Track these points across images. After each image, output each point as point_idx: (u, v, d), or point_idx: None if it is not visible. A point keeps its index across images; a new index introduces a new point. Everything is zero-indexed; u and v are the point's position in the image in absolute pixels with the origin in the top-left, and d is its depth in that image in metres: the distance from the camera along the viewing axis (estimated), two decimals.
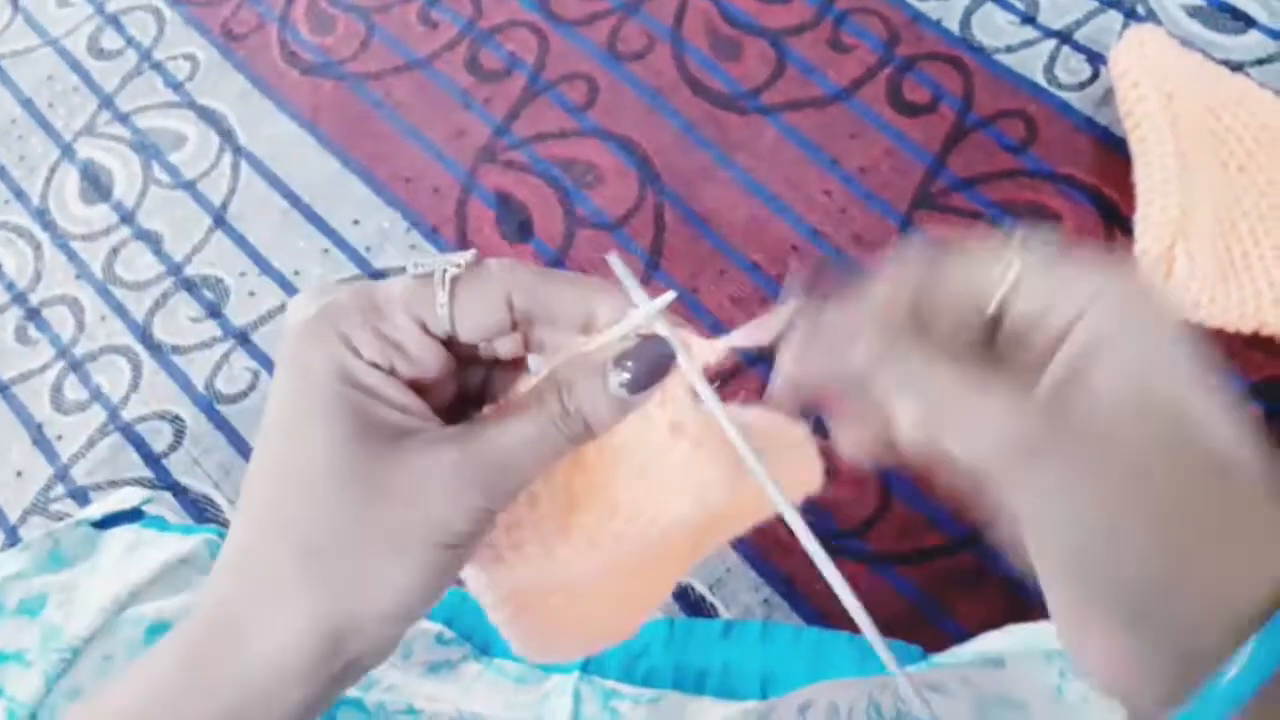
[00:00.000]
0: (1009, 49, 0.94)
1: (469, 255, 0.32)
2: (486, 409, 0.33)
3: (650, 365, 0.32)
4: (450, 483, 0.29)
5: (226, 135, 1.01)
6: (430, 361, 0.32)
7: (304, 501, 0.30)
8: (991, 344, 0.32)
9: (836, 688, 0.54)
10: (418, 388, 0.32)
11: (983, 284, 0.31)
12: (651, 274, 0.88)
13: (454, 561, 0.31)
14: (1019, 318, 0.31)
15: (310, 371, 0.30)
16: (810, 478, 0.40)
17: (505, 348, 0.34)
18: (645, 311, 0.32)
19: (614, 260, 0.33)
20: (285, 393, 0.31)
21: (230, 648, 0.30)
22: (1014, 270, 0.30)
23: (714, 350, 0.33)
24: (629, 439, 0.34)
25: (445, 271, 0.31)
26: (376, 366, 0.30)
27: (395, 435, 0.30)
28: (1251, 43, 0.91)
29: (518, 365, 0.35)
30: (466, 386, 0.35)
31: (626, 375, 0.31)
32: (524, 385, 0.34)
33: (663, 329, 0.32)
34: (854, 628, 0.32)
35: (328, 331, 0.30)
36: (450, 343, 0.32)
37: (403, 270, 0.32)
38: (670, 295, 0.32)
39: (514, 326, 0.33)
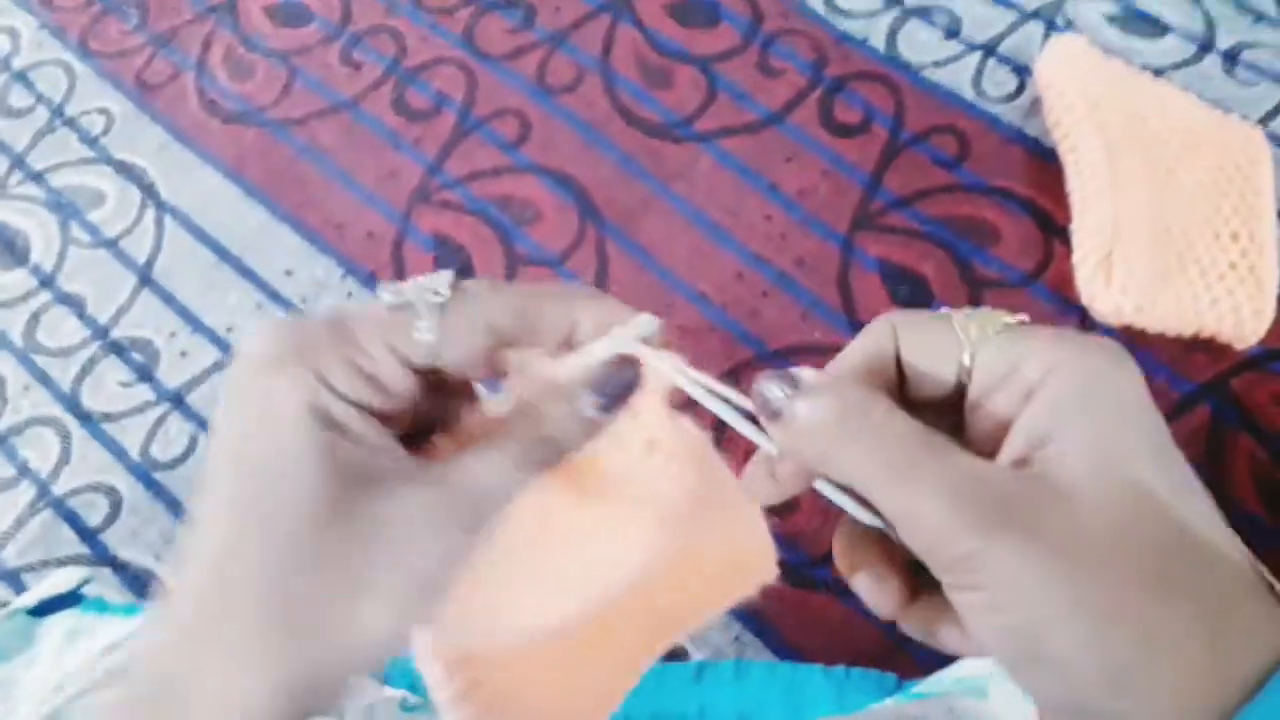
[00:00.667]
0: (936, 64, 0.95)
1: (447, 278, 0.30)
2: (437, 437, 0.32)
3: (620, 384, 0.31)
4: (428, 523, 0.28)
5: (148, 190, 0.98)
6: (406, 394, 0.30)
7: (271, 549, 0.27)
8: (958, 418, 0.31)
9: None
10: (382, 418, 0.30)
11: (942, 356, 0.29)
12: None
13: (426, 606, 0.29)
14: (980, 389, 0.29)
15: (277, 406, 0.28)
16: (765, 563, 0.40)
17: (475, 372, 0.33)
18: (626, 335, 0.31)
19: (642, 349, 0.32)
20: (246, 428, 0.29)
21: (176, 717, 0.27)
22: (971, 344, 0.29)
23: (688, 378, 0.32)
24: (600, 461, 0.33)
25: (427, 300, 0.30)
26: (348, 401, 0.29)
27: (367, 475, 0.28)
28: (1169, 47, 0.93)
29: (467, 386, 0.34)
30: (418, 410, 0.33)
31: (599, 398, 0.31)
32: (485, 409, 0.33)
33: (642, 350, 0.31)
34: (828, 660, 0.31)
35: (298, 364, 0.28)
36: (422, 371, 0.31)
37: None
38: (651, 321, 0.32)
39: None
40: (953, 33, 0.96)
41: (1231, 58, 0.92)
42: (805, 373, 0.29)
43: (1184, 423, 0.77)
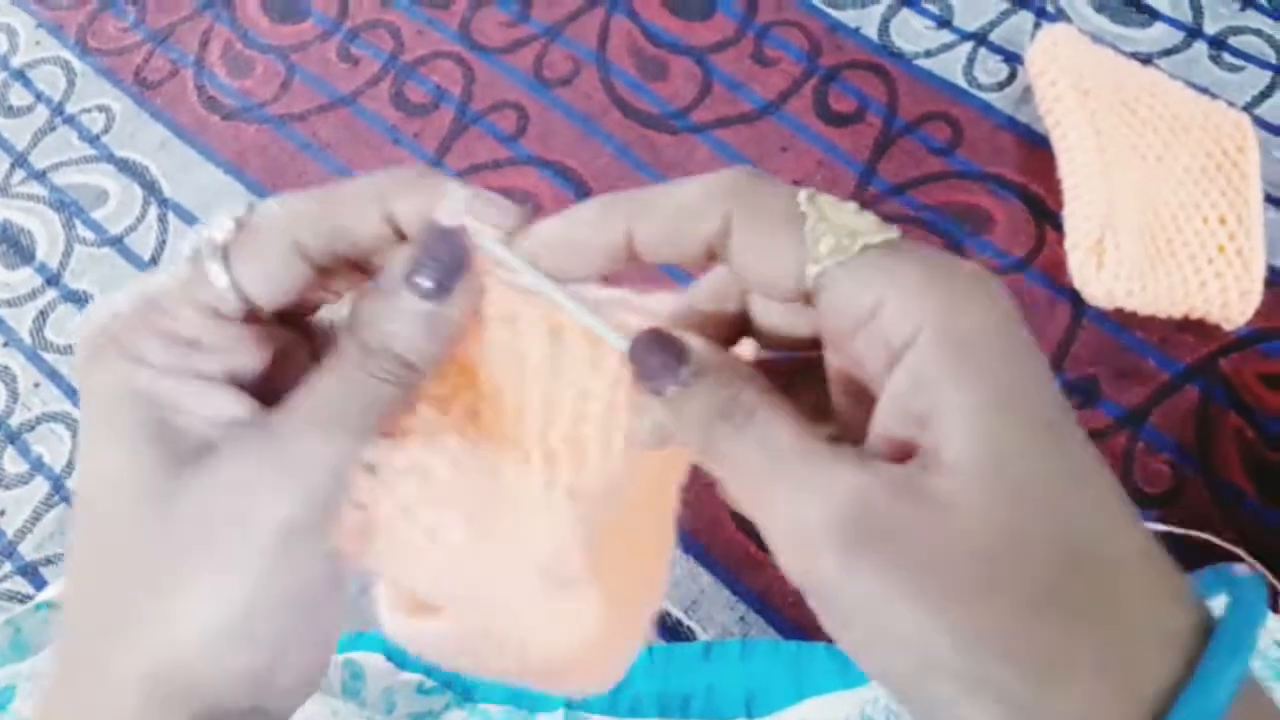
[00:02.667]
0: (928, 53, 0.96)
1: (239, 210, 0.27)
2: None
3: (449, 258, 0.26)
4: (260, 480, 0.25)
5: (150, 187, 0.99)
6: (236, 348, 0.27)
7: (110, 536, 0.26)
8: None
9: (827, 705, 0.55)
10: (263, 378, 0.28)
11: (781, 266, 0.24)
12: None
13: (284, 569, 0.26)
14: (831, 324, 0.25)
15: (97, 396, 0.26)
16: None
17: (338, 310, 0.29)
18: (449, 199, 0.26)
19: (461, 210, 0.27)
20: (82, 425, 0.27)
21: (64, 714, 0.27)
22: (818, 262, 0.24)
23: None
24: (510, 367, 0.28)
25: (208, 240, 0.26)
26: (172, 372, 0.26)
27: (200, 444, 0.26)
28: (1158, 34, 0.94)
29: None
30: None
31: (427, 283, 0.26)
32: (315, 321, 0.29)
33: (462, 215, 0.26)
34: (830, 638, 0.26)
35: (108, 347, 0.26)
36: (262, 316, 0.28)
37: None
38: (459, 191, 0.26)
39: (322, 272, 0.27)
40: (944, 22, 0.98)
41: (1219, 44, 0.93)
42: (693, 343, 0.26)
43: (1174, 402, 0.78)
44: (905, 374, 0.23)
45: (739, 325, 0.28)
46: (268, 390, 0.27)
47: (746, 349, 0.29)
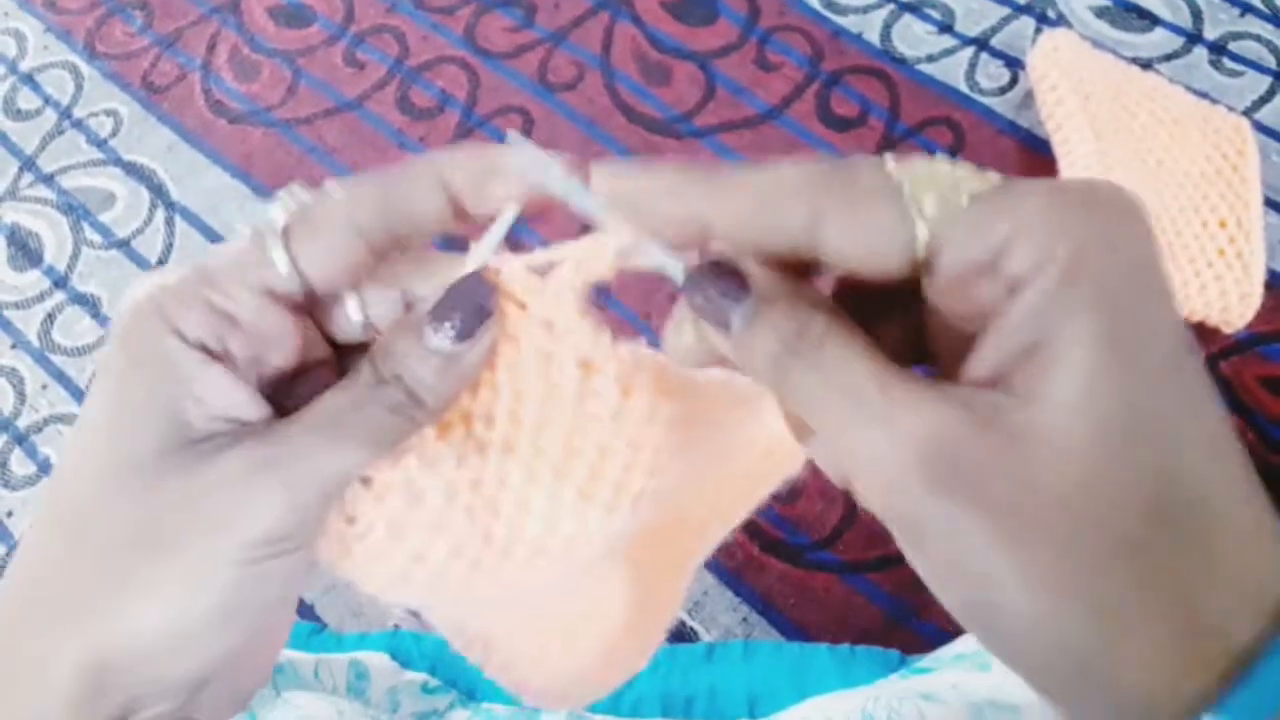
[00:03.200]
0: (930, 58, 0.97)
1: (297, 192, 0.26)
2: None
3: (475, 303, 0.26)
4: (247, 484, 0.24)
5: (157, 190, 0.99)
6: (274, 332, 0.26)
7: (82, 503, 0.25)
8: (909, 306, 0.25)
9: (828, 704, 0.55)
10: (283, 378, 0.27)
11: (885, 242, 0.23)
12: (604, 302, 0.88)
13: (251, 582, 0.25)
14: (946, 285, 0.23)
15: (122, 357, 0.25)
16: (788, 451, 0.34)
17: (380, 311, 0.28)
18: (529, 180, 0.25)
19: (515, 137, 0.26)
20: (97, 386, 0.26)
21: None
22: (929, 224, 0.22)
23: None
24: (539, 401, 0.28)
25: (269, 219, 0.26)
26: (207, 350, 0.25)
27: (202, 437, 0.25)
28: (1158, 39, 0.95)
29: None
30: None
31: (449, 324, 0.25)
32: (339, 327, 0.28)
33: (582, 192, 0.25)
34: (833, 639, 0.25)
35: (151, 313, 0.25)
36: (317, 317, 0.27)
37: None
38: (526, 145, 0.26)
39: (377, 260, 0.27)
40: (946, 27, 0.98)
41: (1218, 49, 0.94)
42: (754, 270, 0.24)
43: None
44: (1022, 305, 0.21)
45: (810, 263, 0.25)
46: (285, 403, 0.27)
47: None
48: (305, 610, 0.79)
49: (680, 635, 0.75)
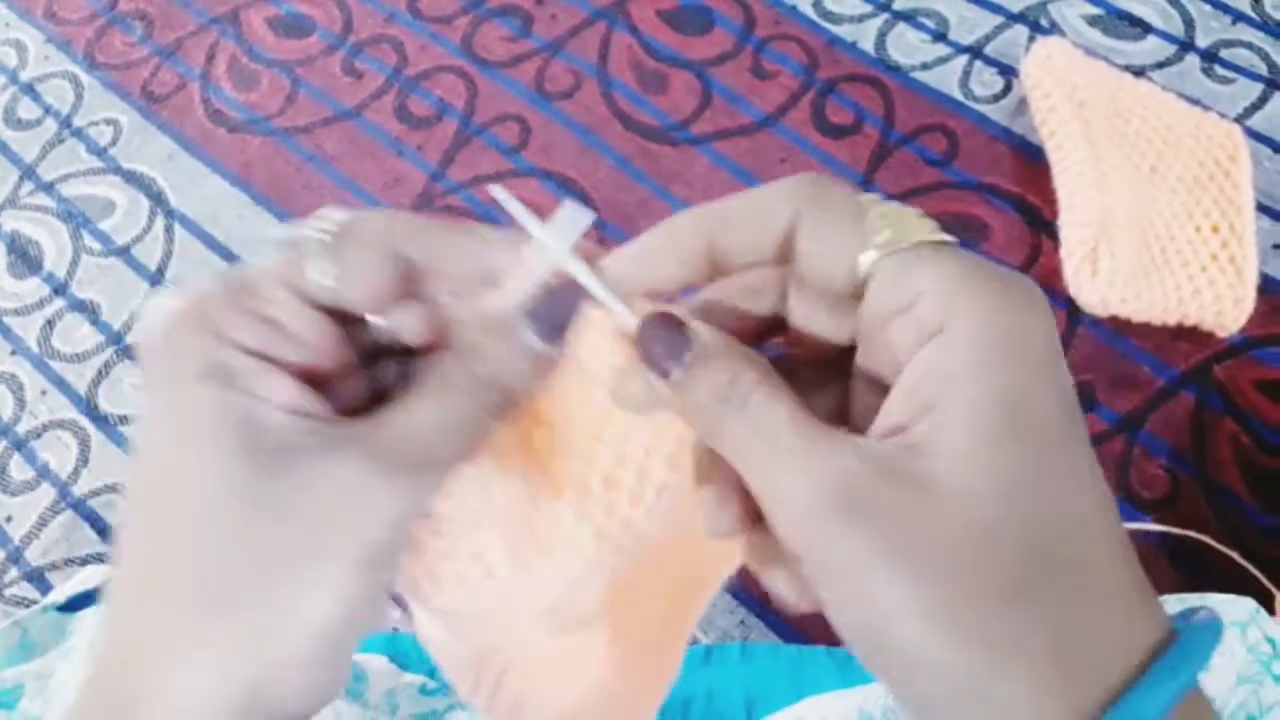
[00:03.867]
0: (924, 66, 0.97)
1: (340, 212, 0.28)
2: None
3: (564, 303, 0.27)
4: (356, 487, 0.25)
5: (156, 199, 1.00)
6: (317, 338, 0.27)
7: (192, 536, 0.25)
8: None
9: (825, 704, 0.55)
10: (316, 385, 0.27)
11: (840, 254, 0.26)
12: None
13: (376, 580, 0.26)
14: (874, 313, 0.26)
15: (177, 375, 0.25)
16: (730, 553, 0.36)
17: (409, 326, 0.29)
18: (548, 243, 0.27)
19: (498, 192, 0.29)
20: (154, 408, 0.26)
21: None
22: (875, 249, 0.25)
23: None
24: (574, 405, 0.29)
25: (316, 233, 0.27)
26: (252, 353, 0.26)
27: (285, 441, 0.25)
28: (1151, 47, 0.96)
29: (434, 353, 0.29)
30: (380, 385, 0.30)
31: (538, 323, 0.27)
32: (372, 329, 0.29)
33: (567, 258, 0.27)
34: (830, 641, 0.27)
35: (192, 323, 0.26)
36: (346, 326, 0.28)
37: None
38: (585, 217, 0.28)
39: (407, 290, 0.28)
40: (940, 35, 0.99)
41: (1210, 57, 0.95)
42: (699, 329, 0.26)
43: (1169, 408, 0.79)
44: (923, 361, 0.24)
45: (768, 326, 0.29)
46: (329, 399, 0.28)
47: None
48: None
49: None
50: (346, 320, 0.28)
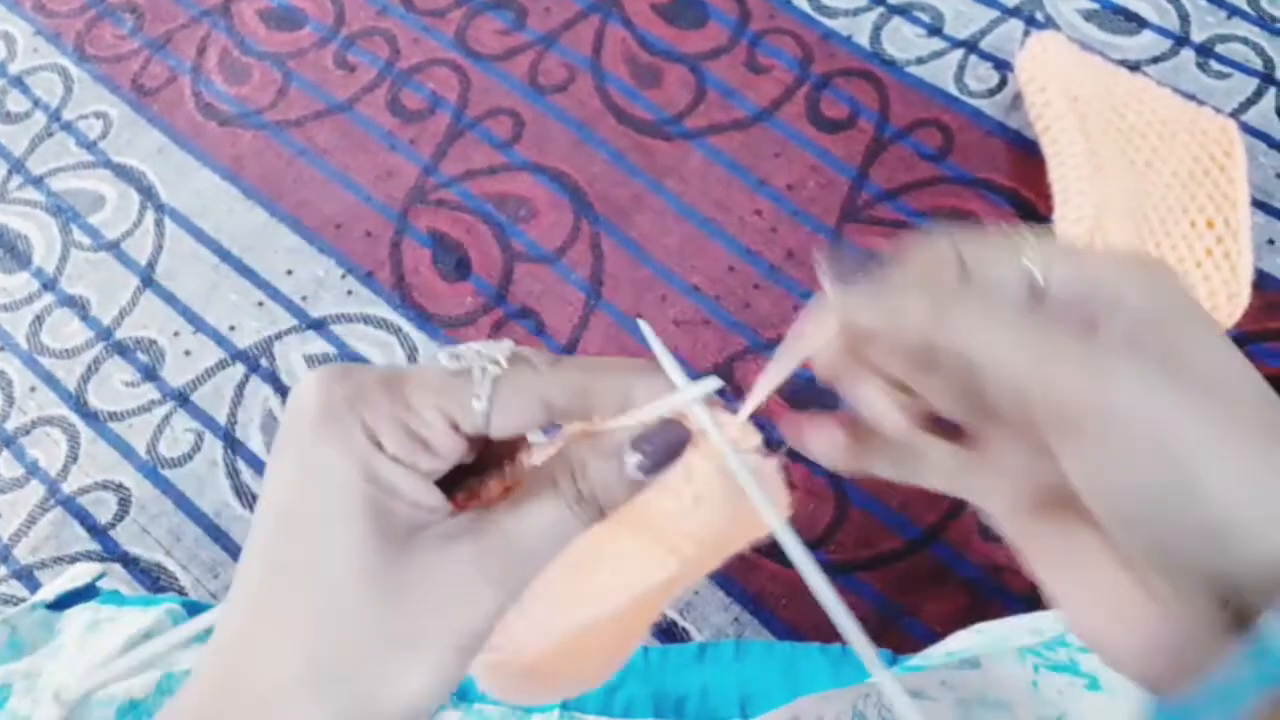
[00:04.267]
0: (919, 61, 0.97)
1: (506, 348, 0.30)
2: (492, 483, 0.33)
3: (668, 447, 0.31)
4: (467, 581, 0.28)
5: (147, 192, 0.99)
6: (454, 458, 0.30)
7: (319, 604, 0.28)
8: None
9: (819, 702, 0.55)
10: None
11: (1014, 262, 0.29)
12: (594, 304, 0.88)
13: (467, 664, 0.29)
14: (1063, 293, 0.28)
15: (329, 462, 0.28)
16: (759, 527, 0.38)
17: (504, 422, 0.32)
18: (683, 398, 0.31)
19: (646, 329, 0.33)
20: (298, 481, 0.29)
21: None
22: (1038, 252, 0.28)
23: (743, 428, 0.32)
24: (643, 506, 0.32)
25: (485, 370, 0.30)
26: (398, 461, 0.29)
27: (412, 532, 0.28)
28: (1146, 42, 0.95)
29: (517, 440, 0.33)
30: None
31: (643, 458, 0.30)
32: (533, 458, 0.32)
33: (699, 414, 0.31)
34: (824, 638, 0.31)
35: (351, 421, 0.28)
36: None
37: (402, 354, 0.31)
38: (713, 383, 0.31)
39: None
40: (935, 30, 0.99)
41: (1206, 51, 0.94)
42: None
43: None
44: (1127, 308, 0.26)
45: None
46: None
47: None
48: None
49: (671, 635, 0.75)
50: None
